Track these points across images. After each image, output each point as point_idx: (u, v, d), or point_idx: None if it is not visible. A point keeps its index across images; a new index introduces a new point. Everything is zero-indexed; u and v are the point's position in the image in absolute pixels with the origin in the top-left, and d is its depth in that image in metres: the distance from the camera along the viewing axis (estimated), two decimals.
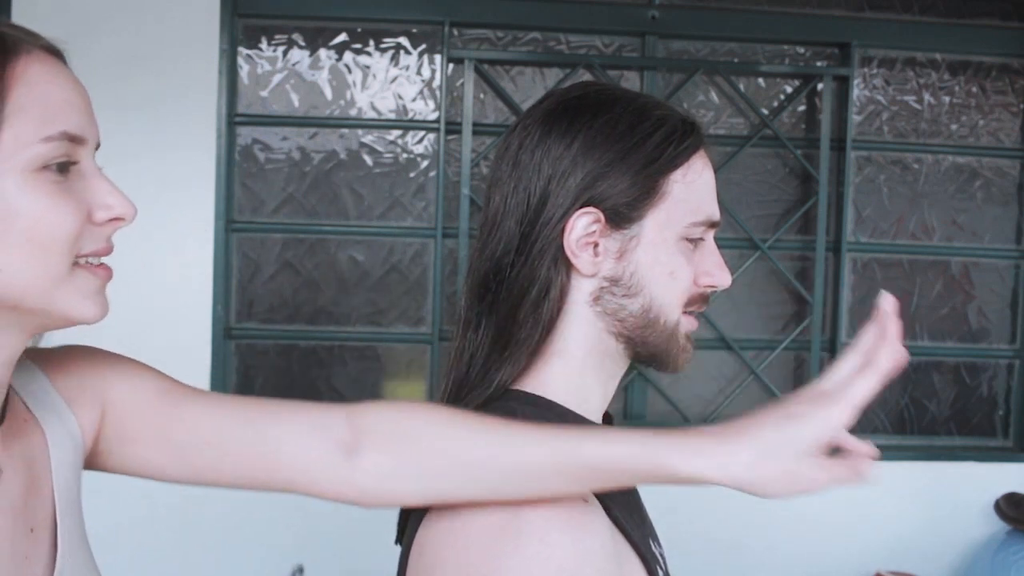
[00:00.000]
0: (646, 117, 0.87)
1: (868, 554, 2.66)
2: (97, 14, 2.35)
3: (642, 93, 0.91)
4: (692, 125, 0.89)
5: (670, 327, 0.88)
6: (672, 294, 0.87)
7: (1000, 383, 2.85)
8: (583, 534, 0.74)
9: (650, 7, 2.63)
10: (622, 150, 0.85)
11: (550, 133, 0.87)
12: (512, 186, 0.88)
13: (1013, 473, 2.73)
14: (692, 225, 0.87)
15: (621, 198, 0.85)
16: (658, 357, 0.90)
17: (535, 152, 0.87)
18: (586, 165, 0.85)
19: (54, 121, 0.72)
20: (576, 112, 0.87)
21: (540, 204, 0.86)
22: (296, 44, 2.58)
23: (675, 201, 0.86)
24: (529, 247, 0.86)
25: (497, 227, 0.88)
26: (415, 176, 2.62)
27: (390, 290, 2.63)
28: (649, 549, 0.85)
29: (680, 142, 0.87)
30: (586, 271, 0.86)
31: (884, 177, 2.78)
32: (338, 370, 2.62)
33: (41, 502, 0.80)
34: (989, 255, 2.82)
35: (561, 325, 0.87)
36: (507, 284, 0.87)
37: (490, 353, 0.87)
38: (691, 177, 0.87)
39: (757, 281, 2.73)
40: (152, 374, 0.87)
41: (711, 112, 2.70)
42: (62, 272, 0.73)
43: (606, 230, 0.85)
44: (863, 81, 2.75)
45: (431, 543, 0.78)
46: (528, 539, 0.73)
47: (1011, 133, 2.82)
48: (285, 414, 0.85)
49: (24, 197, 0.70)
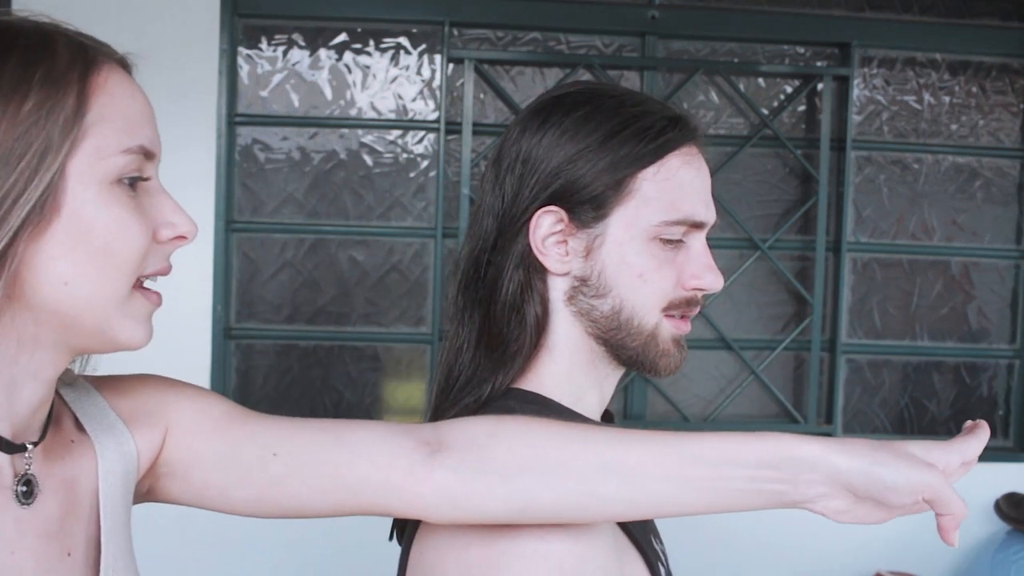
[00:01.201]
0: (620, 113, 0.85)
1: (868, 554, 2.66)
2: (97, 14, 2.34)
3: (634, 91, 0.89)
4: (675, 122, 0.85)
5: (646, 330, 0.85)
6: (644, 296, 0.84)
7: (1000, 383, 2.85)
8: (584, 532, 0.73)
9: (650, 7, 2.63)
10: (589, 145, 0.83)
11: (526, 130, 0.86)
12: (492, 182, 0.87)
13: (1013, 473, 2.72)
14: (665, 224, 0.83)
15: (584, 194, 0.83)
16: (636, 360, 0.87)
17: (512, 148, 0.86)
18: (552, 161, 0.84)
19: (133, 134, 0.71)
20: (555, 108, 0.86)
21: (513, 201, 0.85)
22: (296, 44, 2.58)
23: (644, 200, 0.83)
24: (503, 244, 0.85)
25: (477, 224, 0.88)
26: (415, 176, 2.62)
27: (390, 290, 2.62)
28: (651, 545, 0.84)
29: (654, 139, 0.84)
30: (555, 269, 0.85)
31: (884, 177, 2.78)
32: (338, 370, 2.62)
33: (82, 525, 0.76)
34: (989, 255, 2.82)
35: (549, 323, 0.86)
36: (484, 281, 0.86)
37: (476, 349, 0.86)
38: (664, 175, 0.84)
39: (757, 281, 2.73)
40: (217, 398, 0.84)
41: (711, 112, 2.70)
42: (124, 292, 0.71)
43: (571, 228, 0.84)
44: (863, 81, 2.75)
45: (432, 542, 0.78)
46: (528, 537, 0.72)
47: (1011, 133, 2.82)
48: (363, 424, 0.81)
49: (100, 210, 0.68)
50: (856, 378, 2.79)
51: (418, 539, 0.80)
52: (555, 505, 0.72)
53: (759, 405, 2.75)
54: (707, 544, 2.59)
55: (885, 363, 2.81)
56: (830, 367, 2.74)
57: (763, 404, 2.75)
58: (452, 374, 0.87)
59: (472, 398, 0.85)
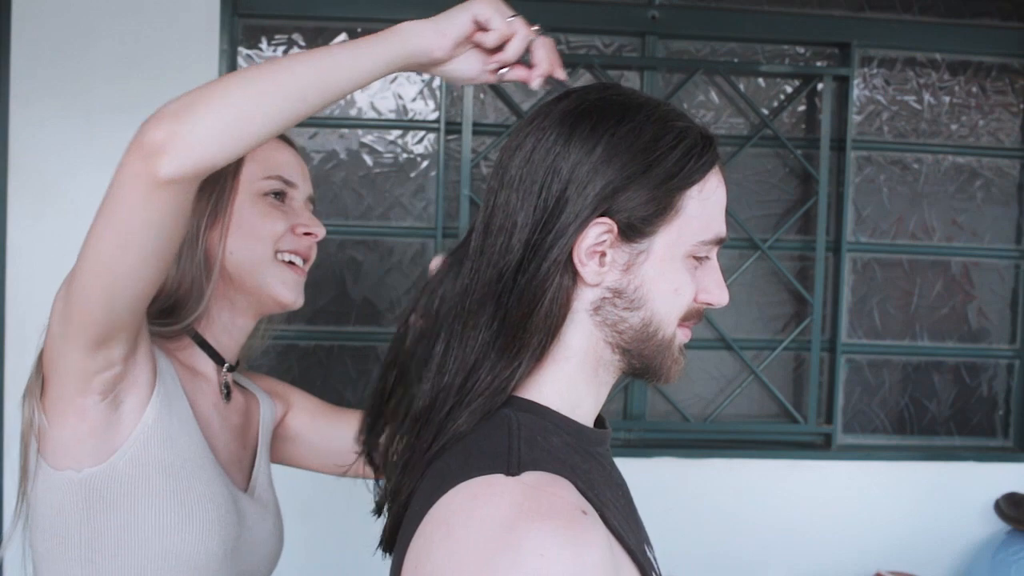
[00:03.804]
0: (669, 129, 0.85)
1: (868, 554, 2.66)
2: (97, 15, 2.35)
3: (661, 101, 0.89)
4: (710, 139, 0.87)
5: (666, 340, 0.87)
6: (672, 308, 0.86)
7: (1000, 383, 2.85)
8: (583, 548, 0.72)
9: (650, 7, 2.63)
10: (644, 163, 0.83)
11: (571, 136, 0.84)
12: (527, 187, 0.84)
13: (1013, 473, 2.73)
14: (702, 243, 0.86)
15: (637, 212, 0.83)
16: (651, 369, 0.89)
17: (550, 154, 0.84)
18: (607, 174, 0.82)
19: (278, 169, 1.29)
20: (599, 117, 0.84)
21: (556, 210, 0.83)
22: (296, 44, 2.58)
23: (688, 218, 0.85)
24: (543, 254, 0.83)
25: (507, 228, 0.85)
26: (415, 176, 2.62)
27: (390, 290, 2.63)
28: (644, 555, 0.84)
29: (699, 157, 0.85)
30: (590, 280, 0.84)
31: (884, 177, 2.78)
32: (338, 370, 2.62)
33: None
34: (989, 255, 2.82)
35: (562, 332, 0.86)
36: (518, 290, 0.83)
37: (497, 361, 0.84)
38: (706, 194, 0.86)
39: (757, 281, 2.73)
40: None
41: (711, 112, 2.70)
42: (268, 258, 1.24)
43: (617, 242, 0.84)
44: (863, 81, 2.75)
45: (427, 559, 0.76)
46: (528, 555, 0.70)
47: (1011, 133, 2.82)
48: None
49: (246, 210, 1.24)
50: (856, 378, 2.79)
51: (411, 554, 0.79)
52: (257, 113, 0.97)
53: (759, 405, 2.75)
54: (707, 544, 2.60)
55: (885, 363, 2.81)
56: (830, 367, 2.74)
57: (763, 404, 2.75)
58: (466, 385, 0.85)
59: (488, 407, 0.84)
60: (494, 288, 0.85)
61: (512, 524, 0.72)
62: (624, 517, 0.84)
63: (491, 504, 0.74)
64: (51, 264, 1.47)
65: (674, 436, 2.70)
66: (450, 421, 0.85)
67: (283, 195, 1.28)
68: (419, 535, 0.78)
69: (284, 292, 1.24)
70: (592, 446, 0.88)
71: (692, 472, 2.62)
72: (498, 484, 0.76)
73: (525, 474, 0.76)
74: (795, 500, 2.66)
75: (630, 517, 0.88)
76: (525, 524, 0.72)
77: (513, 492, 0.75)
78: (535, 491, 0.75)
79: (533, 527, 0.71)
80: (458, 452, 0.82)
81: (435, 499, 0.78)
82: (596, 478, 0.83)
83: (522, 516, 0.72)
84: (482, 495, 0.75)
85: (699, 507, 2.61)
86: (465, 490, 0.77)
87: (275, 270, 1.24)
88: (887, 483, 2.70)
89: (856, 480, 2.68)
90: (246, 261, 1.21)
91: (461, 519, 0.75)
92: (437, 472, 0.82)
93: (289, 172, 1.29)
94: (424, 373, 0.89)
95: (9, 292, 2.37)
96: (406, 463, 0.89)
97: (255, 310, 1.26)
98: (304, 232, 1.29)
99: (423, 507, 0.79)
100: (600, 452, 0.90)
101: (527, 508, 0.73)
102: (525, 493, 0.74)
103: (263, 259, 1.22)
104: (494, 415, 0.83)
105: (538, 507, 0.73)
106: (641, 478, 2.74)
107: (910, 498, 2.69)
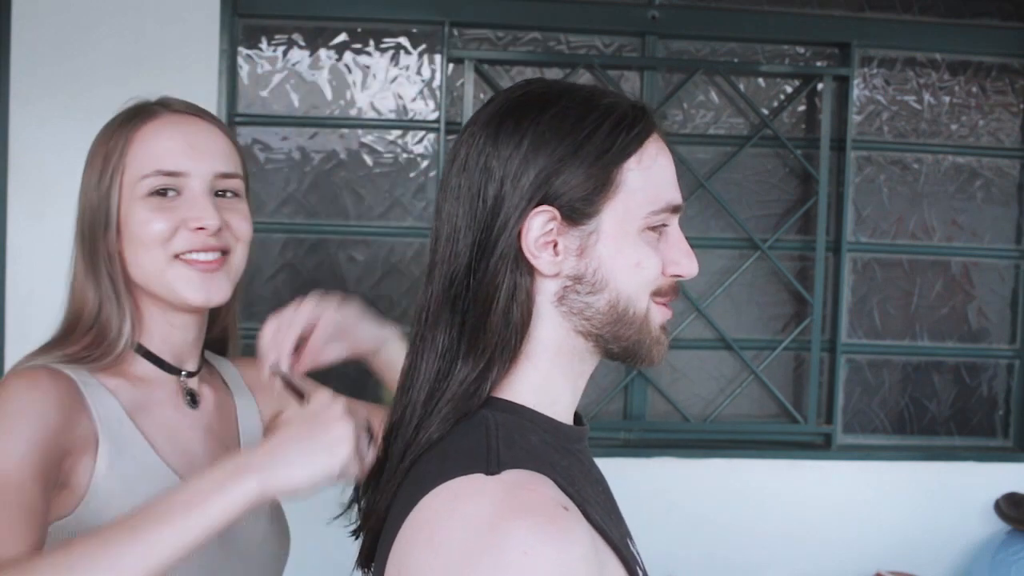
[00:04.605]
0: (593, 107, 0.84)
1: (868, 554, 2.66)
2: (97, 14, 2.35)
3: (586, 85, 0.89)
4: (642, 110, 0.86)
5: (640, 317, 0.86)
6: (636, 284, 0.85)
7: (1000, 383, 2.85)
8: (566, 544, 0.71)
9: (650, 7, 2.63)
10: (573, 143, 0.82)
11: (497, 134, 0.84)
12: (464, 192, 0.85)
13: (1013, 473, 2.73)
14: (652, 214, 0.85)
15: (576, 193, 0.82)
16: (631, 351, 0.87)
17: (482, 155, 0.84)
18: (537, 163, 0.82)
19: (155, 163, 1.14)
20: (522, 111, 0.85)
21: (495, 208, 0.83)
22: (296, 44, 2.58)
23: (631, 191, 0.84)
24: (489, 253, 0.83)
25: (452, 236, 0.86)
26: (415, 176, 2.62)
27: (390, 290, 2.63)
28: (628, 549, 0.84)
29: (631, 129, 0.84)
30: (547, 271, 0.84)
31: (884, 177, 2.78)
32: (337, 370, 2.62)
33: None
34: (989, 255, 2.82)
35: (532, 329, 0.85)
36: (472, 293, 0.84)
37: (463, 365, 0.84)
38: (646, 164, 0.85)
39: (757, 281, 2.73)
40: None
41: (711, 112, 2.70)
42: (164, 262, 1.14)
43: (563, 228, 0.83)
44: (863, 81, 2.75)
45: (410, 562, 0.76)
46: (511, 552, 0.70)
47: (1011, 133, 2.82)
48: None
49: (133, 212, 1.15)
50: (856, 378, 2.79)
51: (394, 558, 0.78)
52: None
53: (759, 405, 2.75)
54: (708, 543, 2.60)
55: (885, 363, 2.81)
56: (830, 367, 2.74)
57: (763, 404, 2.75)
58: (435, 391, 0.85)
59: (460, 412, 0.84)
60: (448, 295, 0.85)
61: (494, 523, 0.71)
62: (606, 512, 0.84)
63: (472, 503, 0.74)
64: (51, 264, 1.46)
65: (674, 436, 2.70)
66: (421, 431, 0.85)
67: (168, 190, 1.14)
68: (400, 539, 0.78)
69: (189, 293, 1.15)
70: (570, 443, 0.88)
71: (692, 472, 2.62)
72: (478, 483, 0.75)
73: (505, 472, 0.76)
74: (795, 500, 2.66)
75: (612, 512, 0.88)
76: (507, 522, 0.71)
77: (494, 491, 0.74)
78: (516, 489, 0.74)
79: (516, 525, 0.71)
80: (435, 456, 0.82)
81: (415, 502, 0.78)
82: (576, 474, 0.83)
83: (504, 514, 0.72)
84: (463, 495, 0.75)
85: (699, 507, 2.61)
86: (445, 491, 0.76)
87: (174, 272, 1.14)
88: (887, 483, 2.70)
89: (856, 480, 2.68)
90: (144, 270, 1.14)
91: (443, 520, 0.74)
92: (414, 479, 0.82)
93: (171, 161, 1.14)
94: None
95: (9, 292, 2.37)
96: (379, 481, 0.90)
97: (179, 310, 1.19)
98: (196, 227, 1.14)
99: (403, 512, 0.79)
100: (578, 449, 0.90)
101: (509, 506, 0.72)
102: (506, 491, 0.74)
103: (158, 264, 1.13)
104: (472, 417, 0.83)
105: (520, 505, 0.72)
106: (641, 478, 2.76)
107: (910, 498, 2.69)
